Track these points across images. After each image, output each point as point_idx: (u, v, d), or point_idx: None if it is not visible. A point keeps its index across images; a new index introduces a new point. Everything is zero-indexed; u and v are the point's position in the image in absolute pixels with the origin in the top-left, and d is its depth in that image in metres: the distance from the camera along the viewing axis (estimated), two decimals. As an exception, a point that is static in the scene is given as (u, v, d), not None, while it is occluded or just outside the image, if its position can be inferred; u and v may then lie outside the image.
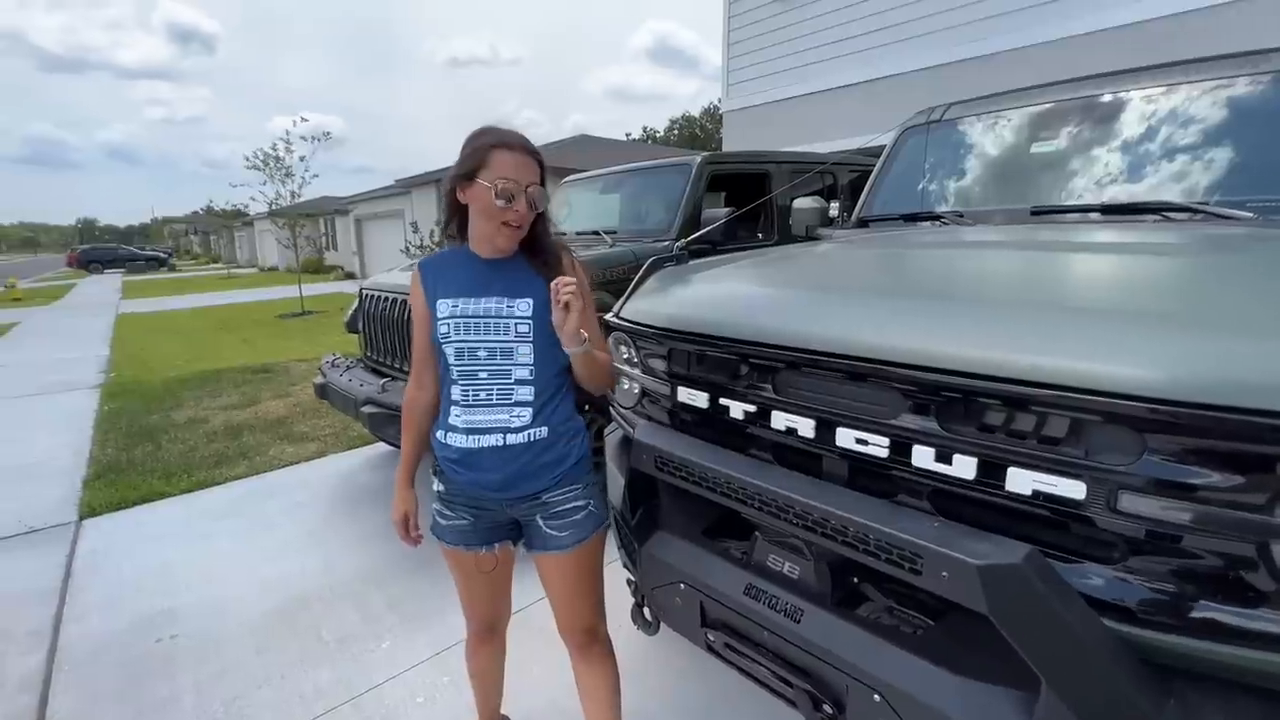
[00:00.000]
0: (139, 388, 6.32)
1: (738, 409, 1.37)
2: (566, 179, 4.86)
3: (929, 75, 6.81)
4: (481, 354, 1.35)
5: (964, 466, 1.01)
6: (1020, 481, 0.96)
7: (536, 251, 1.39)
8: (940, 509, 1.06)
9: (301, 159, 12.70)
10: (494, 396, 1.36)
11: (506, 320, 1.34)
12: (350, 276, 21.25)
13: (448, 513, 1.46)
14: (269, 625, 2.42)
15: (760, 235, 4.23)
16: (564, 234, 4.13)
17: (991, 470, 0.99)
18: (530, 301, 1.34)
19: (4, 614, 2.51)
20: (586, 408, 3.11)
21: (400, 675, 2.13)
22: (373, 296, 3.53)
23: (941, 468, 1.03)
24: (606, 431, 1.97)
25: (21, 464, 4.27)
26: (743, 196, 4.31)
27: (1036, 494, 0.94)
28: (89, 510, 3.49)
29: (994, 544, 0.90)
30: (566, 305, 1.25)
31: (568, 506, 1.41)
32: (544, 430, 1.37)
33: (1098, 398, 0.86)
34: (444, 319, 1.36)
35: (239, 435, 4.72)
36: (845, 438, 1.17)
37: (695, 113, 43.61)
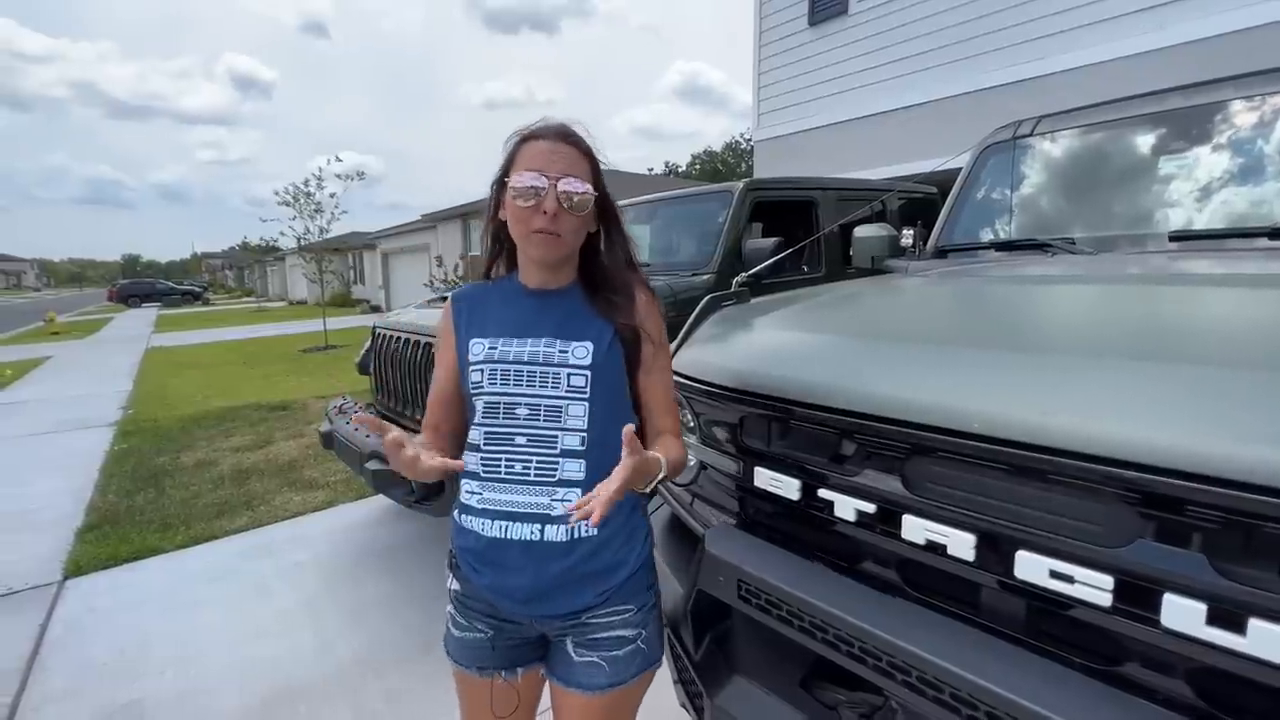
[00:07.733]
0: (153, 426, 6.11)
1: (846, 506, 0.99)
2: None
3: (971, 100, 6.49)
4: (521, 412, 1.01)
5: (1275, 645, 0.61)
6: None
7: (597, 283, 1.07)
8: (1225, 709, 0.66)
9: (332, 195, 12.81)
10: (532, 471, 1.01)
11: (557, 369, 1.00)
12: (376, 310, 21.40)
13: (461, 621, 1.10)
14: (247, 727, 2.06)
15: (805, 268, 3.87)
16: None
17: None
18: (589, 346, 1.01)
19: (-48, 703, 2.19)
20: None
21: (395, 805, 1.74)
22: (386, 336, 3.23)
23: (1229, 640, 0.64)
24: (649, 510, 1.59)
25: (19, 510, 4.02)
26: (783, 226, 3.97)
27: None
28: (75, 568, 3.18)
29: None
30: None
31: (611, 635, 1.04)
32: (594, 527, 1.00)
33: None
34: (477, 364, 1.03)
35: (246, 481, 4.43)
36: (1030, 568, 0.78)
37: (717, 148, 44.09)
